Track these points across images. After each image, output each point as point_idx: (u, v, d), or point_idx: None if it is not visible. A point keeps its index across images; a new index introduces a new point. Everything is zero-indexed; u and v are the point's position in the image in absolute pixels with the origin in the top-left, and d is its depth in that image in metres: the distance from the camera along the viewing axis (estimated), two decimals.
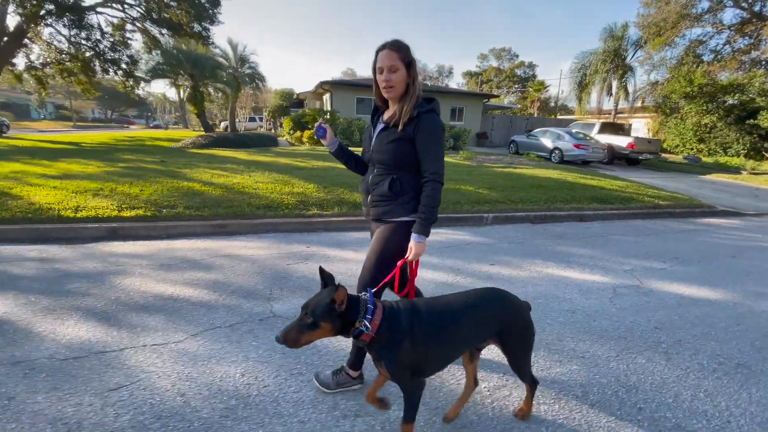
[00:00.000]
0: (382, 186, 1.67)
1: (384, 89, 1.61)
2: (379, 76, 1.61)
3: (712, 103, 17.66)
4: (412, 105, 1.58)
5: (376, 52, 1.62)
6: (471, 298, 1.52)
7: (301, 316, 1.30)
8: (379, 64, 1.59)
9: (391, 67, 1.57)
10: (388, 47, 1.58)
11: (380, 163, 1.69)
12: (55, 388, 1.76)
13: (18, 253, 3.66)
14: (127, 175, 6.37)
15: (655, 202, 7.63)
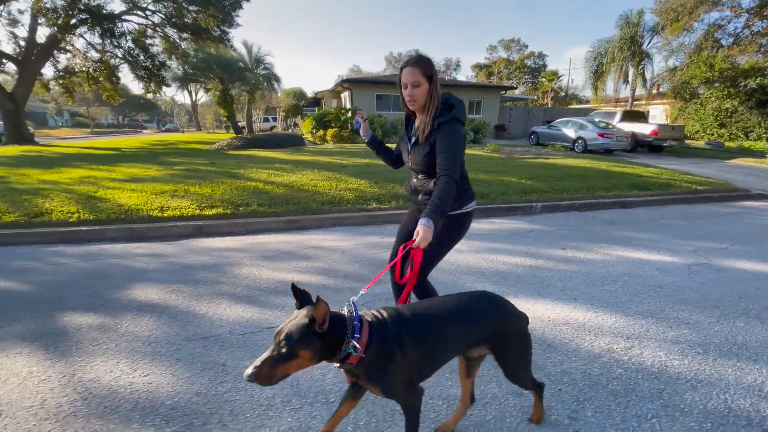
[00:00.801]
0: (428, 187, 1.81)
1: (408, 102, 1.77)
2: (404, 90, 1.76)
3: (733, 87, 17.56)
4: (431, 117, 1.73)
5: (400, 68, 1.77)
6: (462, 301, 1.42)
7: (274, 345, 1.10)
8: (403, 80, 1.74)
9: (414, 82, 1.72)
10: (410, 65, 1.72)
11: (420, 172, 1.87)
12: (252, 355, 2.08)
13: (126, 250, 4.00)
14: (189, 177, 6.73)
15: (693, 188, 7.78)
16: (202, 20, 15.10)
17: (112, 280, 3.14)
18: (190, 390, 1.80)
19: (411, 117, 1.93)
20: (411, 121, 1.94)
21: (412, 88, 1.73)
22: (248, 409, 1.68)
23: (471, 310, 1.40)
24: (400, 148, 2.02)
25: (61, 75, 17.83)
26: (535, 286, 3.10)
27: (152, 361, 2.02)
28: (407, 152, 1.91)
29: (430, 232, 1.53)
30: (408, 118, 1.95)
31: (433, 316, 1.35)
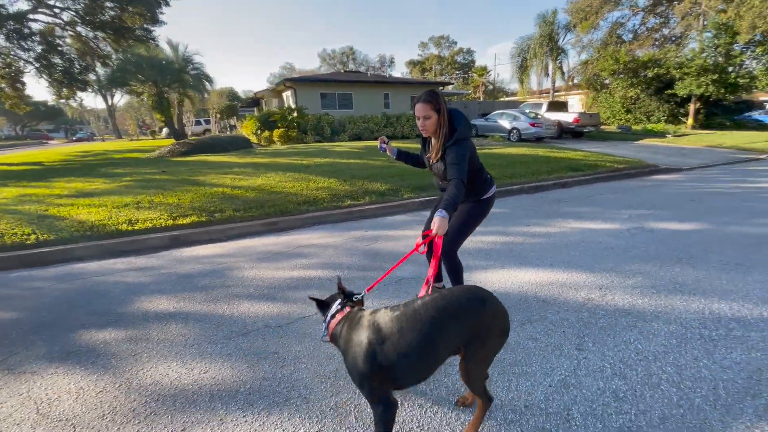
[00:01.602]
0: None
1: (422, 131, 2.16)
2: (417, 121, 2.13)
3: (635, 77, 20.27)
4: (441, 143, 2.10)
5: (414, 103, 2.14)
6: (447, 301, 1.37)
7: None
8: (416, 114, 2.10)
9: (425, 116, 2.07)
10: (422, 101, 2.07)
11: (442, 180, 2.24)
12: (298, 342, 2.26)
13: (105, 267, 3.82)
14: (145, 188, 6.38)
15: (615, 167, 9.03)
16: (128, 18, 13.86)
17: (111, 296, 3.06)
18: (257, 376, 1.95)
19: (426, 138, 2.28)
20: (426, 141, 2.29)
21: (423, 120, 2.08)
22: (318, 383, 1.89)
23: (458, 310, 1.36)
24: (423, 160, 2.40)
25: None
26: (515, 258, 3.59)
27: (204, 360, 2.12)
28: (429, 166, 2.31)
29: (445, 222, 1.81)
30: (424, 140, 2.31)
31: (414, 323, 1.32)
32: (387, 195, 6.24)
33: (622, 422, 1.60)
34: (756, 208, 5.28)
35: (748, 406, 1.67)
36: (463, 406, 1.70)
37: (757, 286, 2.81)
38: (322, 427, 1.61)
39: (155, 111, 13.09)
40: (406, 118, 18.53)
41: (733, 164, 10.52)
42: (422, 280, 3.17)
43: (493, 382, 1.85)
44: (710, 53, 18.47)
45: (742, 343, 2.13)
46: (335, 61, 57.11)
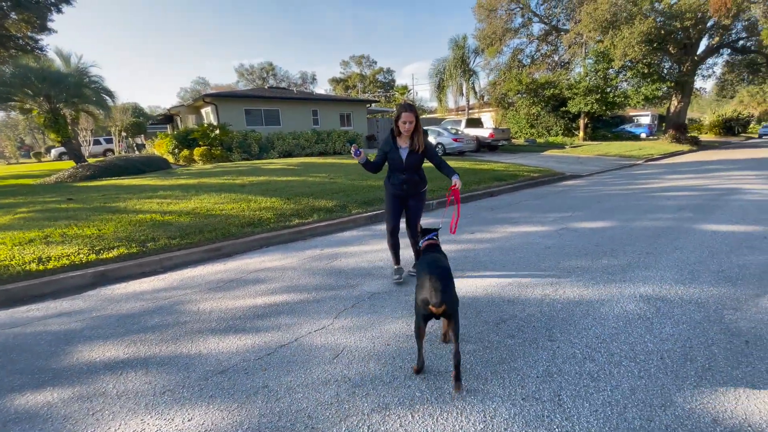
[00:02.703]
0: (414, 178, 3.29)
1: (405, 131, 3.06)
2: (402, 125, 3.04)
3: (536, 96, 23.08)
4: (423, 140, 3.14)
5: (401, 110, 3.04)
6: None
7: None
8: (403, 118, 3.03)
9: (410, 120, 3.04)
10: (409, 110, 3.04)
11: (410, 169, 3.23)
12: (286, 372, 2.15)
13: (17, 316, 3.23)
14: (51, 219, 5.50)
15: (532, 175, 10.13)
16: (11, 26, 11.80)
17: (37, 350, 2.58)
18: (252, 414, 1.82)
19: (396, 137, 3.20)
20: (395, 139, 3.21)
21: (409, 123, 3.04)
22: (322, 410, 1.82)
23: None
24: (389, 157, 3.24)
25: None
26: (471, 263, 3.85)
27: (183, 407, 1.91)
28: (401, 160, 3.19)
29: (460, 179, 3.15)
30: (394, 138, 3.21)
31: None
32: (335, 211, 6.21)
33: (603, 398, 1.83)
34: (646, 205, 6.34)
35: (690, 369, 2.02)
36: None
37: (667, 271, 3.40)
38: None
39: (48, 130, 11.25)
40: (337, 134, 18.64)
41: (620, 170, 12.48)
42: (391, 294, 3.23)
43: (488, 381, 1.98)
44: (593, 76, 21.87)
45: (670, 318, 2.57)
46: (254, 76, 55.37)
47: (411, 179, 3.27)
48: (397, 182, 3.29)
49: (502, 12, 24.93)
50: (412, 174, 3.26)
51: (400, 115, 3.05)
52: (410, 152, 3.16)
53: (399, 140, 3.18)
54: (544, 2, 25.72)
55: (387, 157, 3.23)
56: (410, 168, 3.21)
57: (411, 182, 3.28)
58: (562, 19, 26.28)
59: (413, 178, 3.28)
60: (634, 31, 18.04)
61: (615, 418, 1.71)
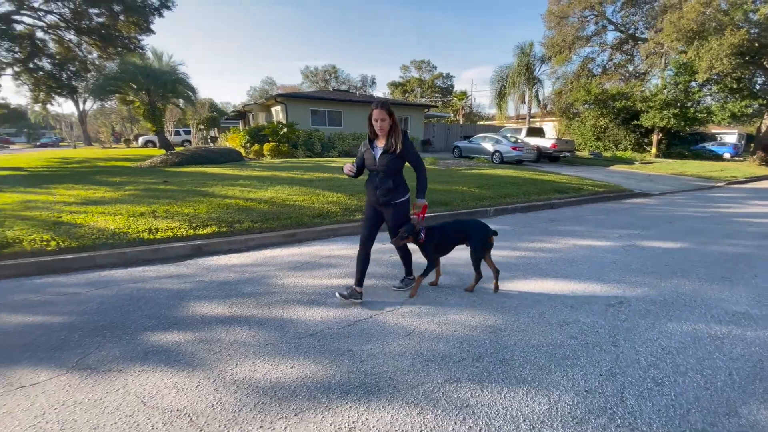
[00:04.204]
0: (388, 184, 2.92)
1: (379, 130, 2.83)
2: (374, 123, 2.81)
3: (604, 108, 21.90)
4: (400, 139, 2.84)
5: (372, 108, 2.80)
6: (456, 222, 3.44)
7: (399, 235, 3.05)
8: (374, 116, 2.80)
9: (382, 118, 2.79)
10: (378, 107, 2.78)
11: (384, 172, 2.91)
12: (366, 341, 2.47)
13: (134, 275, 3.87)
14: (153, 197, 6.38)
15: (596, 190, 9.76)
16: (123, 27, 13.73)
17: (158, 302, 3.14)
18: (342, 371, 2.15)
19: (373, 138, 2.98)
20: (373, 140, 2.99)
21: (380, 121, 2.80)
22: (401, 375, 2.11)
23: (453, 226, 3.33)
24: (364, 157, 3.03)
25: None
26: (533, 270, 3.95)
27: (284, 358, 2.29)
28: (374, 159, 2.93)
29: (425, 203, 3.07)
30: (371, 139, 3.00)
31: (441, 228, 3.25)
32: None
33: (667, 401, 1.93)
34: (726, 230, 5.95)
35: (759, 387, 2.04)
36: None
37: (744, 296, 3.28)
38: (420, 410, 1.84)
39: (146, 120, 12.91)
40: None
41: (697, 191, 11.58)
42: (453, 289, 3.45)
43: (552, 372, 2.15)
44: (671, 89, 20.32)
45: (742, 340, 2.54)
46: (317, 78, 57.81)
47: (384, 185, 2.90)
48: (371, 186, 3.03)
49: (575, 19, 23.98)
50: (385, 179, 2.89)
51: (371, 114, 2.80)
52: (384, 152, 2.86)
53: (377, 141, 2.94)
54: (622, 9, 24.34)
55: (364, 157, 3.02)
56: (384, 171, 2.88)
57: (384, 189, 2.91)
58: (640, 28, 24.71)
59: (386, 184, 2.89)
60: (723, 42, 16.54)
61: (678, 419, 1.81)
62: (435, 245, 3.23)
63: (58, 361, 2.27)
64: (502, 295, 3.29)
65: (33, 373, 2.15)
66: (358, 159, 3.06)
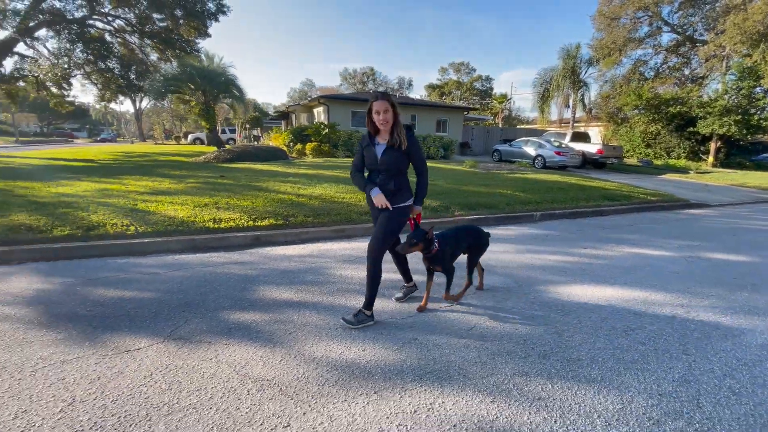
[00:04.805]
0: (389, 186, 2.60)
1: (381, 124, 2.53)
2: (376, 116, 2.51)
3: (657, 113, 20.78)
4: (404, 133, 2.56)
5: (371, 101, 2.53)
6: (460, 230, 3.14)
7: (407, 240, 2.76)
8: (375, 108, 2.50)
9: (385, 110, 2.49)
10: (380, 98, 2.51)
11: (386, 171, 2.60)
12: (430, 332, 2.57)
13: (204, 260, 4.18)
14: (214, 190, 6.81)
15: (648, 198, 9.33)
16: (184, 31, 14.74)
17: (231, 285, 3.39)
18: (411, 357, 2.26)
19: (373, 134, 2.68)
20: (373, 136, 2.68)
21: (383, 114, 2.50)
22: (469, 365, 2.19)
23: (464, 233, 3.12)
24: (364, 155, 2.71)
25: (5, 80, 16.28)
26: (589, 276, 3.89)
27: (356, 341, 2.44)
28: (375, 157, 2.62)
29: (420, 210, 2.80)
30: (370, 135, 2.68)
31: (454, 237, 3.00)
32: (439, 211, 6.59)
33: (746, 410, 1.89)
34: None
35: None
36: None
37: None
38: (494, 398, 1.92)
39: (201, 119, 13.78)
40: (432, 139, 19.08)
41: (762, 203, 10.77)
42: (510, 290, 3.48)
43: (622, 374, 2.15)
44: (733, 94, 18.97)
45: None
46: (356, 80, 58.69)
47: (385, 186, 2.60)
48: (369, 186, 2.70)
49: (627, 20, 22.96)
50: (387, 179, 2.59)
51: (371, 107, 2.52)
52: (387, 148, 2.57)
53: (378, 137, 2.66)
54: (680, 10, 23.02)
55: (364, 155, 2.72)
56: (386, 169, 2.59)
57: (385, 191, 2.60)
58: (699, 29, 23.26)
59: (388, 185, 2.59)
60: None
61: (759, 428, 1.77)
62: (449, 256, 2.93)
63: (154, 331, 2.54)
64: (559, 298, 3.28)
65: (135, 340, 2.42)
66: (357, 158, 2.76)
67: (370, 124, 2.61)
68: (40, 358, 2.19)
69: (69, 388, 1.93)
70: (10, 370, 2.07)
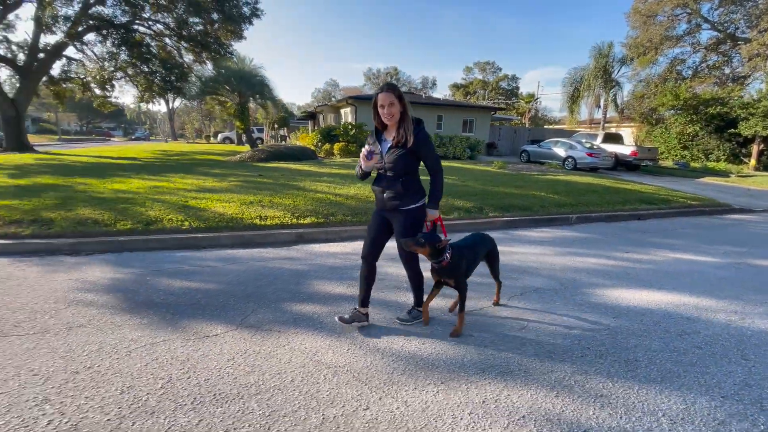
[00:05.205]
0: (396, 187, 2.38)
1: (386, 118, 2.32)
2: (381, 110, 2.31)
3: (695, 114, 19.97)
4: (411, 129, 2.32)
5: (376, 93, 2.34)
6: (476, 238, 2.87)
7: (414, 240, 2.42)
8: (380, 102, 2.30)
9: (390, 103, 2.28)
10: (385, 90, 2.31)
11: (392, 171, 2.38)
12: (482, 330, 2.67)
13: (255, 254, 4.39)
14: (259, 189, 7.09)
15: (688, 203, 9.05)
16: (222, 35, 15.34)
17: (285, 279, 3.58)
18: (470, 351, 2.38)
19: (380, 129, 2.49)
20: (380, 132, 2.50)
21: (388, 107, 2.30)
22: (528, 361, 2.29)
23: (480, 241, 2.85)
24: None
25: (54, 81, 17.32)
26: (634, 280, 3.88)
27: (412, 335, 2.57)
28: (381, 155, 2.43)
29: (437, 213, 2.51)
30: (378, 131, 2.51)
31: (471, 246, 2.69)
32: (473, 212, 6.64)
33: None
34: None
35: None
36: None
37: None
38: (557, 393, 2.00)
39: (236, 119, 14.32)
40: (458, 139, 19.03)
41: None
42: (557, 291, 3.52)
43: (681, 376, 2.19)
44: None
45: None
46: (379, 80, 58.90)
47: (392, 187, 2.41)
48: (377, 189, 2.53)
49: (663, 18, 22.16)
50: (393, 180, 2.40)
51: (376, 100, 2.34)
52: (393, 146, 2.37)
53: (386, 133, 2.48)
54: (720, 7, 22.01)
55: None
56: (392, 170, 2.39)
57: (392, 192, 2.42)
58: (741, 27, 22.17)
59: (394, 186, 2.40)
60: None
61: None
62: (465, 269, 2.60)
63: (225, 319, 2.75)
64: (608, 301, 3.31)
65: (211, 326, 2.63)
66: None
67: (377, 119, 2.41)
68: (131, 340, 2.42)
69: (164, 368, 2.14)
70: (107, 350, 2.31)
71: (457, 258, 2.49)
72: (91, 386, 1.96)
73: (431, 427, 1.74)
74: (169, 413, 1.79)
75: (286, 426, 1.72)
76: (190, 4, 13.70)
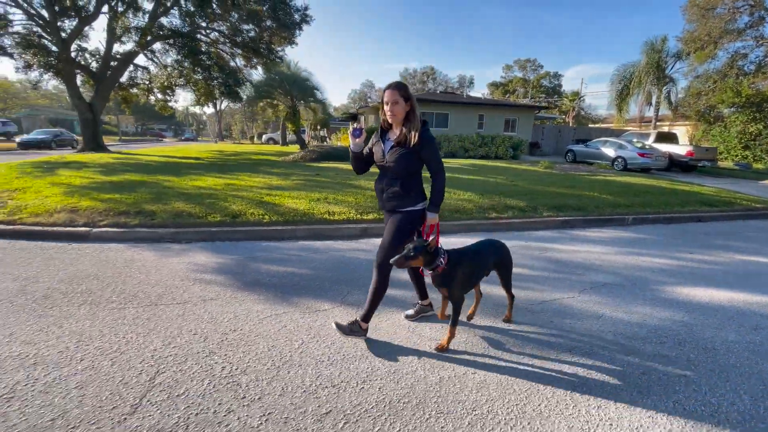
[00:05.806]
0: (395, 187, 2.34)
1: (389, 115, 2.28)
2: (385, 107, 2.28)
3: (759, 112, 18.70)
4: (416, 131, 2.23)
5: (383, 90, 2.31)
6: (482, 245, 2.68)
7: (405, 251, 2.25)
8: (385, 99, 2.27)
9: (394, 101, 2.24)
10: (391, 88, 2.26)
11: (393, 171, 2.33)
12: (573, 316, 2.93)
13: (330, 246, 4.83)
14: (322, 187, 7.62)
15: (752, 205, 8.67)
16: (276, 41, 16.27)
17: (364, 268, 3.96)
18: (555, 335, 2.65)
19: (385, 128, 2.44)
20: (385, 131, 2.46)
21: (392, 105, 2.26)
22: (611, 344, 2.53)
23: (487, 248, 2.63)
24: (373, 150, 2.47)
25: (122, 87, 18.93)
26: (702, 279, 3.95)
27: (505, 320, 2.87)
28: (382, 153, 2.38)
29: (435, 218, 2.40)
30: (383, 129, 2.45)
31: (474, 253, 2.50)
32: (527, 211, 6.79)
33: None
34: None
35: None
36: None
37: None
38: (644, 371, 2.24)
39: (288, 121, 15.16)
40: (501, 139, 18.93)
41: None
42: (624, 286, 3.69)
43: (760, 363, 2.35)
44: None
45: None
46: (415, 80, 59.02)
47: (391, 187, 2.37)
48: (377, 188, 2.51)
49: (723, 10, 20.84)
50: (393, 180, 2.36)
51: (382, 97, 2.31)
52: (395, 145, 2.32)
53: (390, 132, 2.43)
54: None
55: (372, 150, 2.49)
56: (393, 168, 2.33)
57: (390, 192, 2.39)
58: None
59: (394, 186, 2.36)
60: None
61: None
62: (463, 278, 2.39)
63: (328, 298, 3.17)
64: (678, 297, 3.43)
65: (318, 303, 3.06)
66: (367, 150, 2.51)
67: (383, 117, 2.37)
68: (257, 312, 2.89)
69: (294, 333, 2.58)
70: (243, 318, 2.78)
71: (452, 266, 2.32)
72: (243, 344, 2.43)
73: (535, 389, 2.04)
74: (313, 366, 2.21)
75: (408, 381, 2.09)
76: (247, 13, 14.63)
